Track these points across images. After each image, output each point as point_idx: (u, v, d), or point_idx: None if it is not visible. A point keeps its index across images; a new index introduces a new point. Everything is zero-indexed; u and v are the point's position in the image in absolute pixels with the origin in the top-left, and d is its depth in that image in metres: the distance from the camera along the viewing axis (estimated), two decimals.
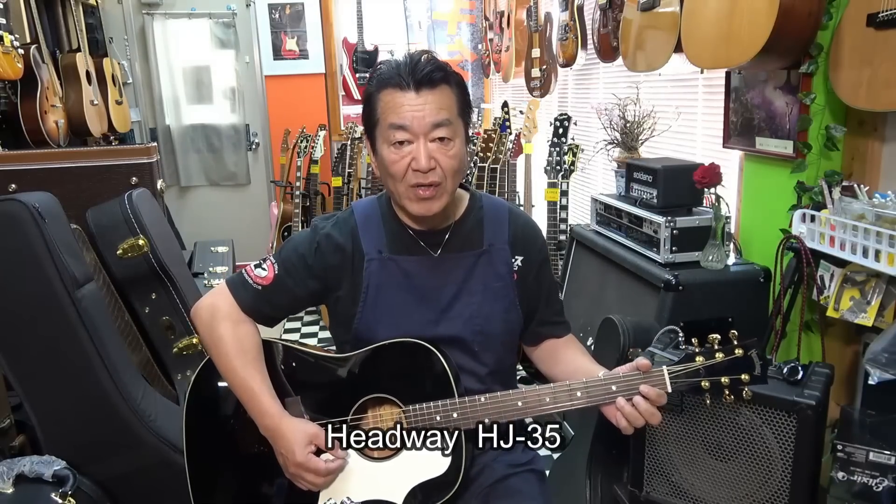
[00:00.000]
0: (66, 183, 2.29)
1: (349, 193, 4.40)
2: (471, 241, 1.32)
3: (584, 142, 3.08)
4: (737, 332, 1.15)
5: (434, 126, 1.18)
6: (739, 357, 1.12)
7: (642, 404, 1.15)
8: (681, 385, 1.15)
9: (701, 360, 1.14)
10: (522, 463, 1.39)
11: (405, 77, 1.18)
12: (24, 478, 1.59)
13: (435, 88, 1.18)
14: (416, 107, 1.17)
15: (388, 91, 1.19)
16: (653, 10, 2.15)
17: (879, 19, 1.44)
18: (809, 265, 1.69)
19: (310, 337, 4.16)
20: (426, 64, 1.19)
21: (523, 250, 1.35)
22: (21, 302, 1.71)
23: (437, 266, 1.30)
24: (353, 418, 1.26)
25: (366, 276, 1.29)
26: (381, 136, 1.22)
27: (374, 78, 1.23)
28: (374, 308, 1.29)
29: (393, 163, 1.20)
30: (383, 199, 1.35)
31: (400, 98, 1.18)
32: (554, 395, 1.18)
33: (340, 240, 1.30)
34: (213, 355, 1.30)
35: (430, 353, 1.23)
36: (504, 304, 1.32)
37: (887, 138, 1.63)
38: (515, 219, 1.37)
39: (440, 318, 1.29)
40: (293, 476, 1.23)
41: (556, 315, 1.43)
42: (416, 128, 1.18)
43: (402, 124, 1.18)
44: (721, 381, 1.13)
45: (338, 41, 4.97)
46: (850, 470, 1.30)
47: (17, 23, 3.05)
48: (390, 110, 1.19)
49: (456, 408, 1.20)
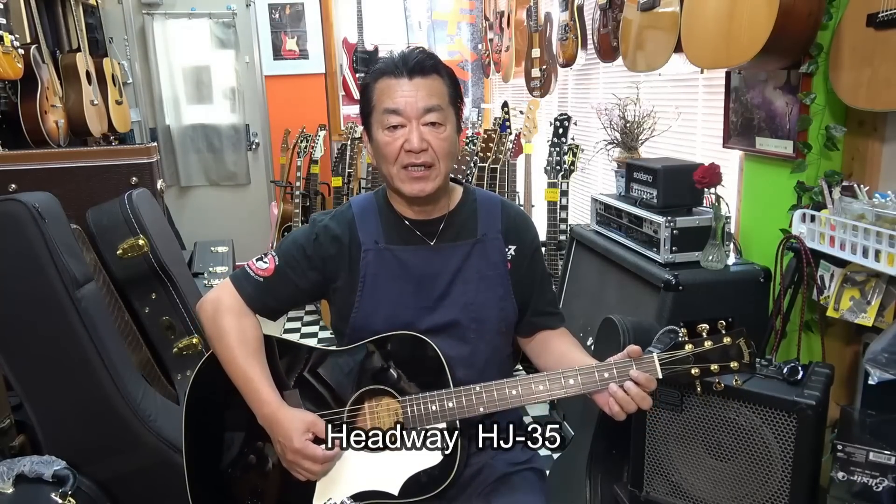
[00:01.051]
0: (66, 183, 2.29)
1: (349, 193, 4.40)
2: (465, 231, 1.36)
3: (584, 142, 3.08)
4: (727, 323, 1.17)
5: (426, 110, 1.23)
6: (728, 345, 1.15)
7: (633, 389, 1.17)
8: (671, 371, 1.17)
9: (690, 347, 1.16)
10: (522, 461, 1.40)
11: (399, 65, 1.24)
12: (24, 478, 1.58)
13: (427, 77, 1.24)
14: (408, 92, 1.22)
15: (383, 79, 1.25)
16: (653, 10, 2.15)
17: (879, 19, 1.44)
18: (809, 265, 1.69)
19: (310, 337, 4.16)
20: (418, 53, 1.25)
21: (516, 240, 1.38)
22: (21, 302, 1.70)
23: (432, 255, 1.33)
24: (350, 410, 1.28)
25: (363, 266, 1.32)
26: (375, 122, 1.27)
27: (370, 72, 1.29)
28: (372, 297, 1.32)
29: (386, 144, 1.25)
30: (380, 193, 1.39)
31: (394, 84, 1.23)
32: (547, 383, 1.20)
33: (338, 231, 1.34)
34: (216, 347, 1.32)
35: (424, 345, 1.26)
36: (499, 292, 1.35)
37: (887, 138, 1.63)
38: (507, 210, 1.41)
39: (436, 305, 1.32)
40: (290, 464, 1.24)
41: (549, 305, 1.46)
42: (409, 111, 1.22)
43: (395, 108, 1.23)
44: (710, 368, 1.16)
45: (338, 41, 4.97)
46: (850, 470, 1.31)
47: (17, 23, 3.05)
48: (384, 96, 1.24)
49: (451, 396, 1.22)
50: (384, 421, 1.27)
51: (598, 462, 1.79)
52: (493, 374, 1.35)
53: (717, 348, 1.15)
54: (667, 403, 1.51)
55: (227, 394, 1.30)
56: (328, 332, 4.19)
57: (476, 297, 1.33)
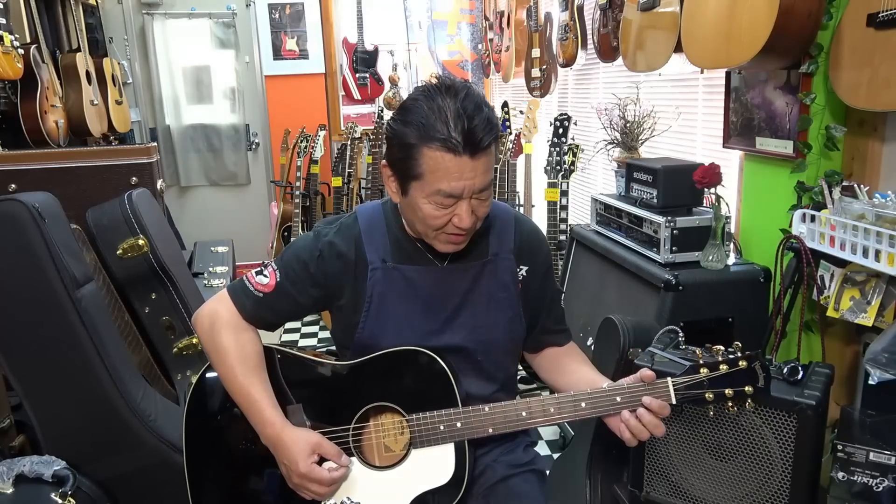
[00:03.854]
0: (66, 183, 2.29)
1: (349, 193, 4.40)
2: (476, 251, 1.31)
3: (584, 142, 3.08)
4: (739, 341, 1.15)
5: (482, 190, 1.16)
6: (743, 369, 1.13)
7: (646, 416, 1.15)
8: (685, 396, 1.15)
9: (705, 371, 1.14)
10: (523, 463, 1.39)
11: (459, 142, 1.09)
12: (24, 478, 1.59)
13: (487, 151, 1.13)
14: (468, 174, 1.12)
15: (437, 150, 1.10)
16: (653, 10, 2.15)
17: (879, 19, 1.44)
18: (809, 265, 1.68)
19: (309, 337, 4.16)
20: (482, 131, 1.10)
21: (529, 260, 1.34)
22: (21, 302, 1.71)
23: (441, 276, 1.29)
24: (355, 427, 1.26)
25: (369, 286, 1.27)
26: (420, 191, 1.16)
27: (413, 125, 1.12)
28: (378, 317, 1.28)
29: (434, 218, 1.17)
30: (388, 205, 1.32)
31: (451, 164, 1.11)
32: (558, 406, 1.18)
33: (343, 248, 1.28)
34: (214, 363, 1.29)
35: (433, 362, 1.22)
36: (508, 314, 1.32)
37: (887, 138, 1.63)
38: (521, 227, 1.35)
39: (444, 328, 1.28)
40: (297, 486, 1.22)
41: (557, 323, 1.43)
42: (467, 194, 1.15)
43: (452, 193, 1.13)
44: (725, 393, 1.13)
45: (338, 41, 4.97)
46: (850, 470, 1.30)
47: (17, 23, 3.05)
48: (441, 174, 1.12)
49: (460, 417, 1.20)
50: (391, 438, 1.26)
51: (598, 462, 1.79)
52: (498, 391, 1.34)
53: (733, 373, 1.13)
54: None
55: (228, 398, 1.28)
56: (328, 332, 4.18)
57: (485, 319, 1.30)
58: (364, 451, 1.27)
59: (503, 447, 1.40)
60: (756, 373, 1.12)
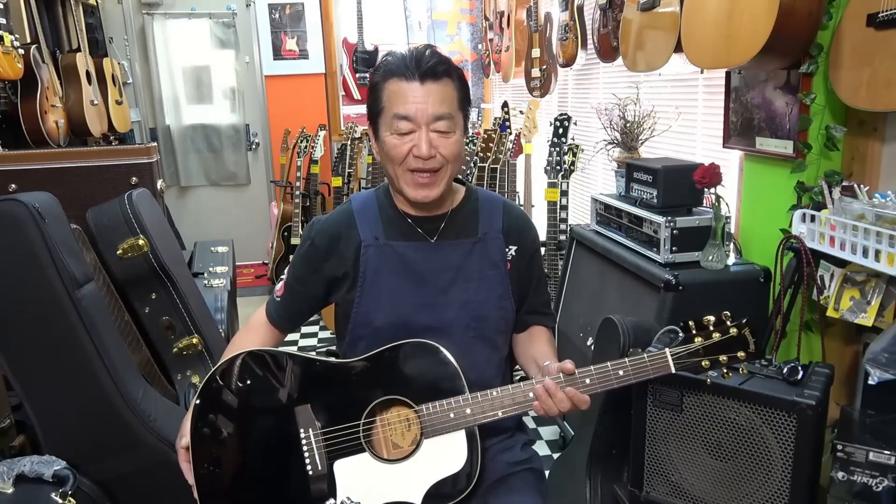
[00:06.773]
0: (66, 183, 2.29)
1: (349, 193, 4.40)
2: (466, 230, 1.36)
3: (584, 142, 3.08)
4: (729, 313, 1.21)
5: (436, 118, 1.23)
6: (734, 336, 1.20)
7: (564, 400, 1.18)
8: (683, 365, 1.19)
9: (700, 340, 1.19)
10: (521, 461, 1.40)
11: (410, 68, 1.22)
12: (24, 478, 1.58)
13: (438, 81, 1.23)
14: (419, 98, 1.22)
15: (394, 81, 1.24)
16: (653, 10, 2.15)
17: (879, 19, 1.44)
18: (809, 265, 1.69)
19: (309, 337, 4.16)
20: (430, 57, 1.24)
21: (517, 240, 1.39)
22: (21, 302, 1.70)
23: (433, 252, 1.34)
24: (365, 422, 1.26)
25: (363, 262, 1.33)
26: (384, 124, 1.27)
27: (380, 67, 1.27)
28: (372, 292, 1.33)
29: (394, 147, 1.25)
30: (381, 190, 1.39)
31: (405, 88, 1.22)
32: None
33: (335, 229, 1.36)
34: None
35: (437, 351, 1.25)
36: (498, 291, 1.36)
37: (887, 138, 1.63)
38: (509, 210, 1.42)
39: (436, 302, 1.32)
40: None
41: (543, 306, 1.47)
42: (419, 118, 1.23)
43: (405, 115, 1.23)
44: (719, 360, 1.20)
45: (338, 41, 4.97)
46: (850, 470, 1.30)
47: (17, 23, 3.05)
48: (395, 100, 1.23)
49: (469, 403, 1.22)
50: (401, 431, 1.27)
51: (598, 462, 1.79)
52: (491, 373, 1.36)
53: (725, 339, 1.20)
54: (667, 403, 1.51)
55: (238, 401, 1.27)
56: (328, 332, 4.19)
57: (476, 295, 1.34)
58: (375, 445, 1.27)
59: (501, 444, 1.41)
60: (746, 339, 1.20)
